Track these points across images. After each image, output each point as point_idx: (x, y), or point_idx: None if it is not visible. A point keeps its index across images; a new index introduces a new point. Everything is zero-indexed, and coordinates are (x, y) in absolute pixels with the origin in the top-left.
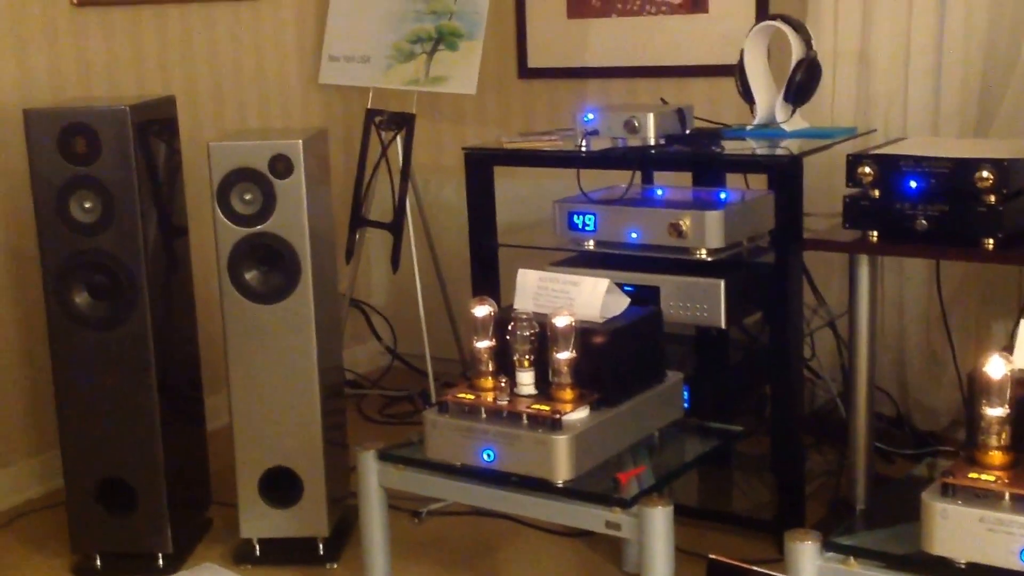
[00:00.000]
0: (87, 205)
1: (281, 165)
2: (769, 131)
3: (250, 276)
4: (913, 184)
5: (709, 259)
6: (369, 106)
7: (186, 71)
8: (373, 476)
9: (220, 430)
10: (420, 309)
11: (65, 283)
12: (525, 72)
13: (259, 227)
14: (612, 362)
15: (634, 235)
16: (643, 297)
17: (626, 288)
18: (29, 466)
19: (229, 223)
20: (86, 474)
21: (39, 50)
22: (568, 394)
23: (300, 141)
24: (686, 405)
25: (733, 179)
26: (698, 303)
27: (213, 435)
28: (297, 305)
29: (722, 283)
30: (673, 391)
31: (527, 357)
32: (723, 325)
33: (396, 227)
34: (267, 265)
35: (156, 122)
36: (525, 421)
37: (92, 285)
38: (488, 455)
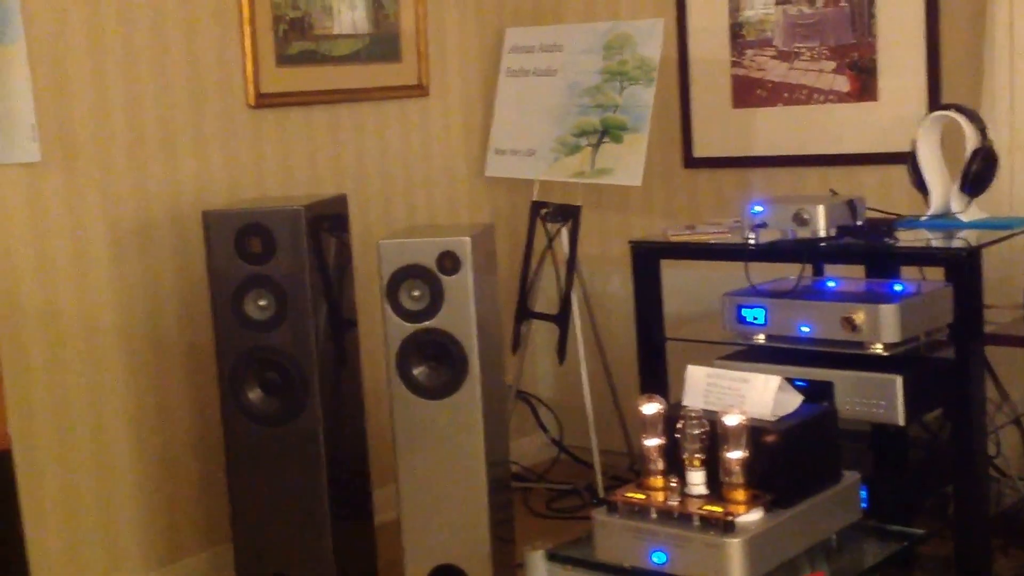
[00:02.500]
0: (261, 303)
1: (449, 262)
2: (945, 222)
3: (418, 372)
4: None
5: (885, 354)
6: (535, 198)
7: (357, 168)
8: None
9: (388, 524)
10: (586, 401)
11: (239, 379)
12: (691, 162)
13: (427, 323)
14: (786, 462)
15: (805, 329)
16: (816, 393)
17: (798, 384)
18: (201, 559)
19: (398, 319)
20: (257, 568)
21: (217, 150)
22: (741, 495)
23: (468, 238)
24: (864, 506)
25: (908, 271)
26: (874, 400)
27: (381, 529)
28: (465, 400)
29: (899, 379)
30: (850, 492)
31: (697, 456)
32: (901, 422)
33: (562, 319)
34: (435, 360)
35: (328, 220)
36: (696, 523)
37: (265, 381)
38: (659, 557)
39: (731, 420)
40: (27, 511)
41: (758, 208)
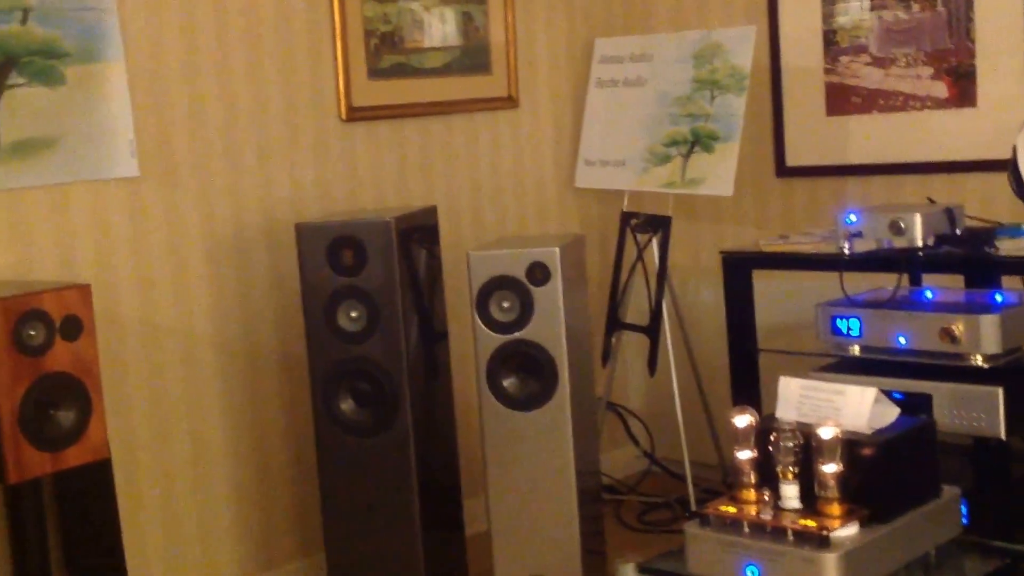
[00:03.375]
0: (353, 314)
1: (539, 273)
2: None
3: (508, 383)
4: None
5: (986, 366)
6: (625, 209)
7: (447, 179)
8: None
9: (478, 535)
10: (678, 413)
11: (331, 390)
12: (783, 171)
13: (517, 334)
14: (883, 476)
15: (902, 340)
16: (914, 406)
17: (895, 396)
18: (295, 569)
19: (488, 330)
20: None
21: (310, 164)
22: (836, 509)
23: (557, 248)
24: (964, 521)
25: (1009, 281)
26: (974, 412)
27: (471, 540)
28: (554, 411)
29: (1000, 391)
30: (949, 506)
31: (791, 469)
32: (1003, 436)
33: (653, 330)
34: (525, 371)
35: (418, 231)
36: (790, 537)
37: (357, 392)
38: (752, 572)
39: (826, 433)
40: (126, 519)
41: (853, 217)
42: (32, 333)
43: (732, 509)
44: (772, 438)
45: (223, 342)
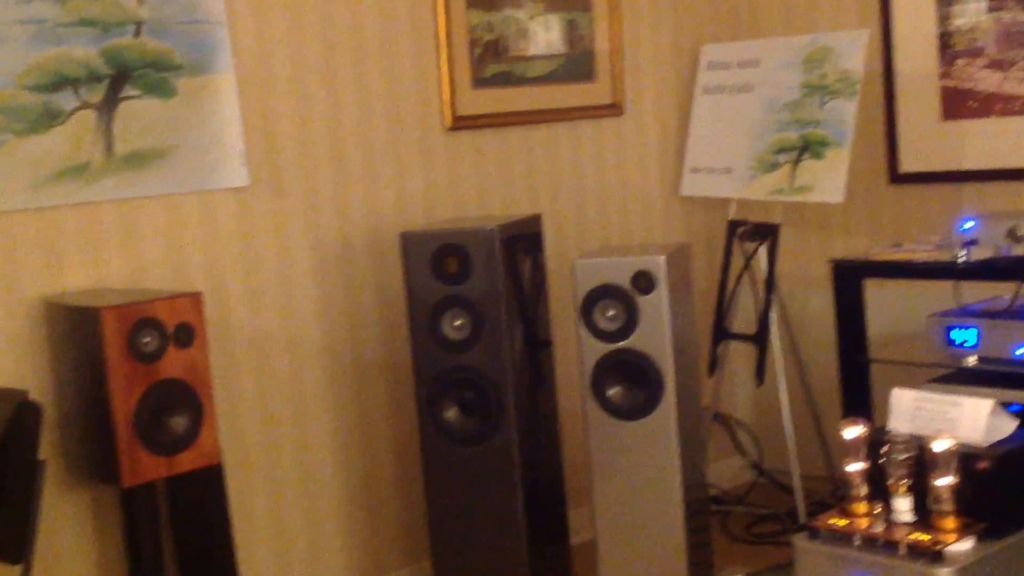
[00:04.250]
0: (457, 323)
1: (644, 281)
2: None
3: (613, 392)
4: None
5: None
6: (731, 217)
7: (551, 188)
8: None
9: (584, 545)
10: (786, 424)
11: (436, 398)
12: (896, 177)
13: (622, 343)
14: (999, 489)
15: (1021, 351)
16: None
17: (1012, 409)
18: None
19: (592, 339)
20: None
21: (415, 173)
22: (950, 523)
23: (662, 257)
24: None
25: None
26: None
27: (577, 550)
28: (660, 421)
29: None
30: None
31: (903, 482)
32: None
33: (760, 339)
34: (630, 381)
35: (522, 240)
36: (903, 551)
37: (462, 400)
38: None
39: (940, 445)
40: (237, 524)
41: (969, 224)
42: (146, 341)
43: (843, 522)
44: (884, 450)
45: (330, 350)
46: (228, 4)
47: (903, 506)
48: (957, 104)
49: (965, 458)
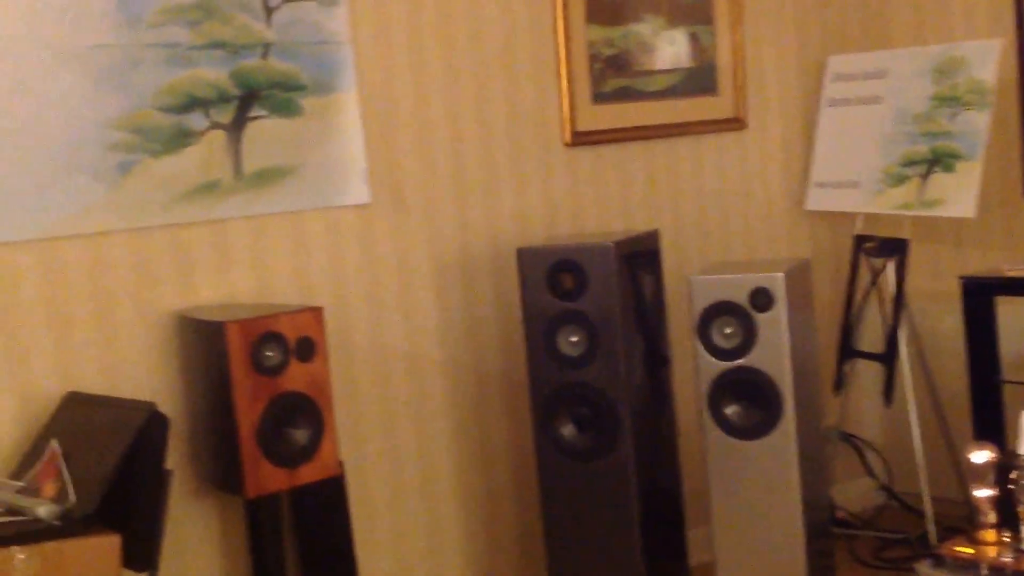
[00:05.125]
0: (573, 339)
1: (762, 299)
2: None
3: (730, 411)
4: None
5: None
6: (858, 232)
7: (672, 203)
8: None
9: (703, 566)
10: (916, 445)
11: (552, 414)
12: None
13: (739, 361)
14: None
15: None
16: None
17: None
18: None
19: (709, 356)
20: None
21: (534, 188)
22: None
23: (781, 274)
24: None
25: None
26: None
27: (696, 571)
28: (779, 441)
29: None
30: None
31: None
32: None
33: (888, 358)
34: (748, 399)
35: (640, 256)
36: None
37: (577, 417)
38: None
39: None
40: (359, 534)
41: None
42: (269, 354)
43: (969, 550)
44: (1013, 476)
45: (450, 363)
46: (352, 25)
47: None
48: None
49: None
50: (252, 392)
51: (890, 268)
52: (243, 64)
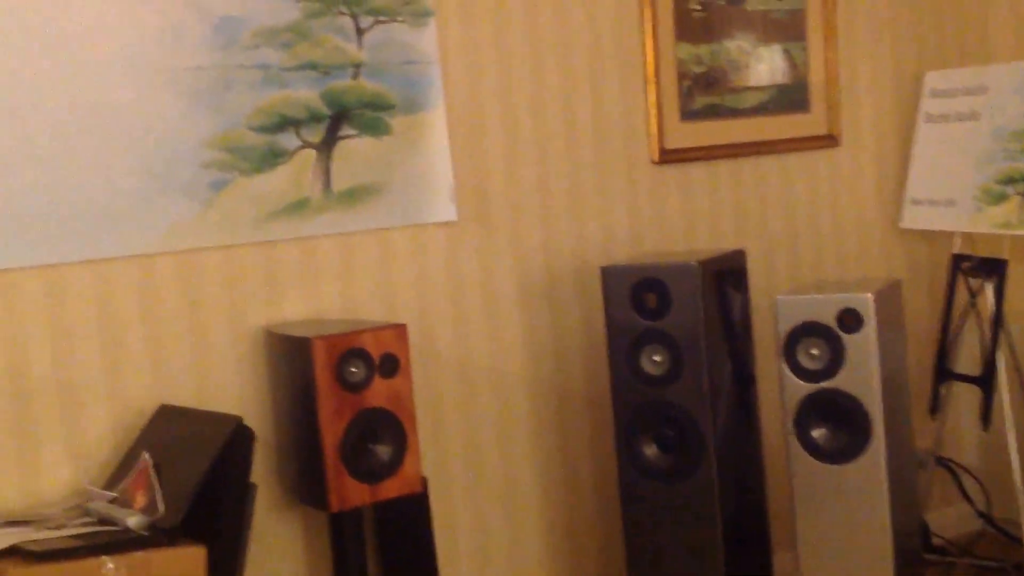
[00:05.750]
0: (657, 358)
1: (850, 319)
2: None
3: (817, 433)
4: None
5: None
6: (955, 251)
7: (762, 222)
8: None
9: None
10: (1015, 471)
11: (634, 433)
12: None
13: (826, 383)
14: None
15: None
16: None
17: None
18: None
19: (795, 378)
20: None
21: (621, 206)
22: None
23: (870, 294)
24: None
25: None
26: None
27: None
28: (868, 465)
29: None
30: None
31: None
32: None
33: (986, 381)
34: (835, 422)
35: (725, 275)
36: None
37: (660, 437)
38: None
39: None
40: (442, 549)
41: None
42: (353, 370)
43: None
44: None
45: (534, 381)
46: (441, 45)
47: None
48: None
49: None
50: (336, 407)
51: (988, 288)
52: (334, 84)
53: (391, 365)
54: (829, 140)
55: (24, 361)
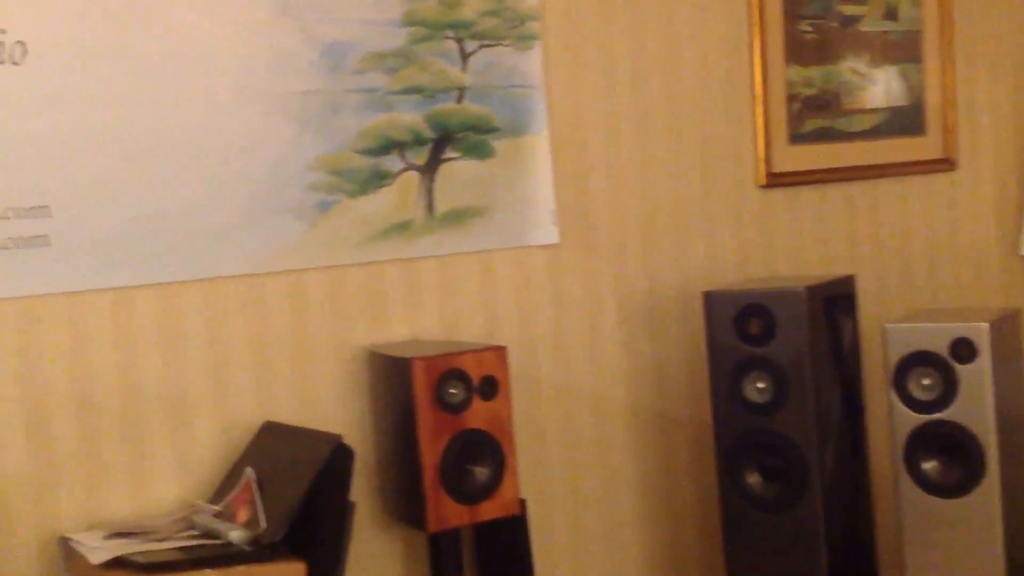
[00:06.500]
0: (760, 385)
1: (964, 350)
2: None
3: (928, 466)
4: None
5: None
6: None
7: (874, 247)
8: None
9: None
10: None
11: (737, 461)
12: None
13: (938, 414)
14: None
15: None
16: None
17: None
18: None
19: (906, 408)
20: None
21: (726, 230)
22: None
23: (986, 324)
24: None
25: None
26: None
27: None
28: (982, 501)
29: None
30: None
31: None
32: None
33: None
34: (947, 455)
35: (833, 302)
36: None
37: (764, 466)
38: None
39: None
40: (540, 573)
41: None
42: (453, 391)
43: None
44: None
45: (635, 407)
46: (545, 68)
47: None
48: None
49: None
50: (435, 428)
51: None
52: (438, 108)
53: (490, 387)
54: (946, 164)
55: (137, 376)
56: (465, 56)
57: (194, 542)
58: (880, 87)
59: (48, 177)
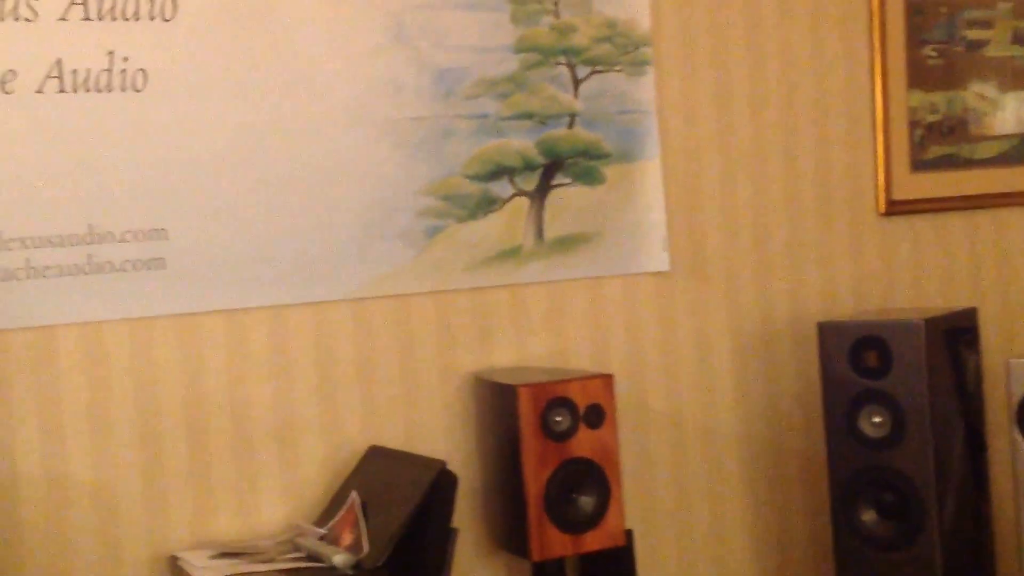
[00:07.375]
0: (876, 419)
1: None
2: None
3: None
4: None
5: None
6: None
7: (1000, 279)
8: None
9: None
10: None
11: (852, 497)
12: None
13: None
14: None
15: None
16: None
17: None
18: None
19: None
20: None
21: (843, 260)
22: None
23: None
24: None
25: None
26: None
27: None
28: None
29: None
30: None
31: None
32: None
33: None
34: None
35: (953, 334)
36: None
37: (879, 503)
38: None
39: None
40: None
41: None
42: (558, 419)
43: None
44: None
45: (747, 438)
46: (658, 94)
47: None
48: None
49: None
50: (540, 456)
51: None
52: (549, 133)
53: (597, 415)
54: None
55: (246, 397)
56: (577, 82)
57: (298, 564)
58: (1009, 113)
59: (166, 201)
